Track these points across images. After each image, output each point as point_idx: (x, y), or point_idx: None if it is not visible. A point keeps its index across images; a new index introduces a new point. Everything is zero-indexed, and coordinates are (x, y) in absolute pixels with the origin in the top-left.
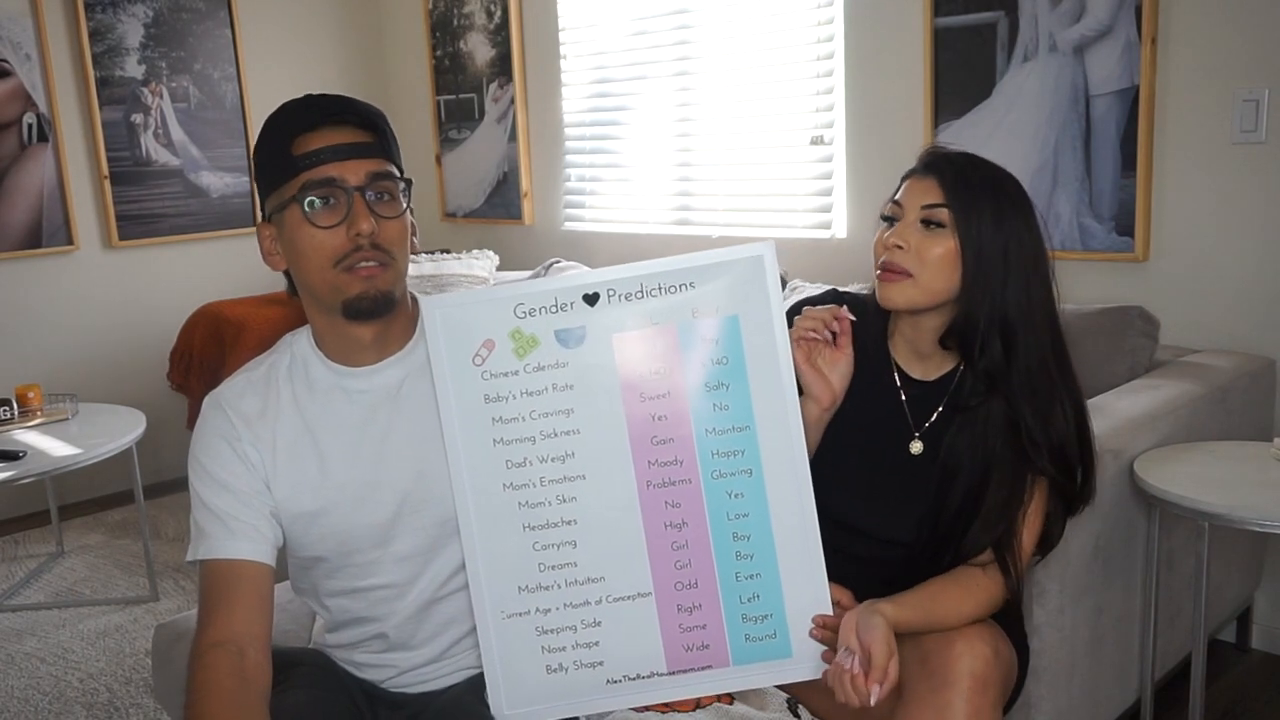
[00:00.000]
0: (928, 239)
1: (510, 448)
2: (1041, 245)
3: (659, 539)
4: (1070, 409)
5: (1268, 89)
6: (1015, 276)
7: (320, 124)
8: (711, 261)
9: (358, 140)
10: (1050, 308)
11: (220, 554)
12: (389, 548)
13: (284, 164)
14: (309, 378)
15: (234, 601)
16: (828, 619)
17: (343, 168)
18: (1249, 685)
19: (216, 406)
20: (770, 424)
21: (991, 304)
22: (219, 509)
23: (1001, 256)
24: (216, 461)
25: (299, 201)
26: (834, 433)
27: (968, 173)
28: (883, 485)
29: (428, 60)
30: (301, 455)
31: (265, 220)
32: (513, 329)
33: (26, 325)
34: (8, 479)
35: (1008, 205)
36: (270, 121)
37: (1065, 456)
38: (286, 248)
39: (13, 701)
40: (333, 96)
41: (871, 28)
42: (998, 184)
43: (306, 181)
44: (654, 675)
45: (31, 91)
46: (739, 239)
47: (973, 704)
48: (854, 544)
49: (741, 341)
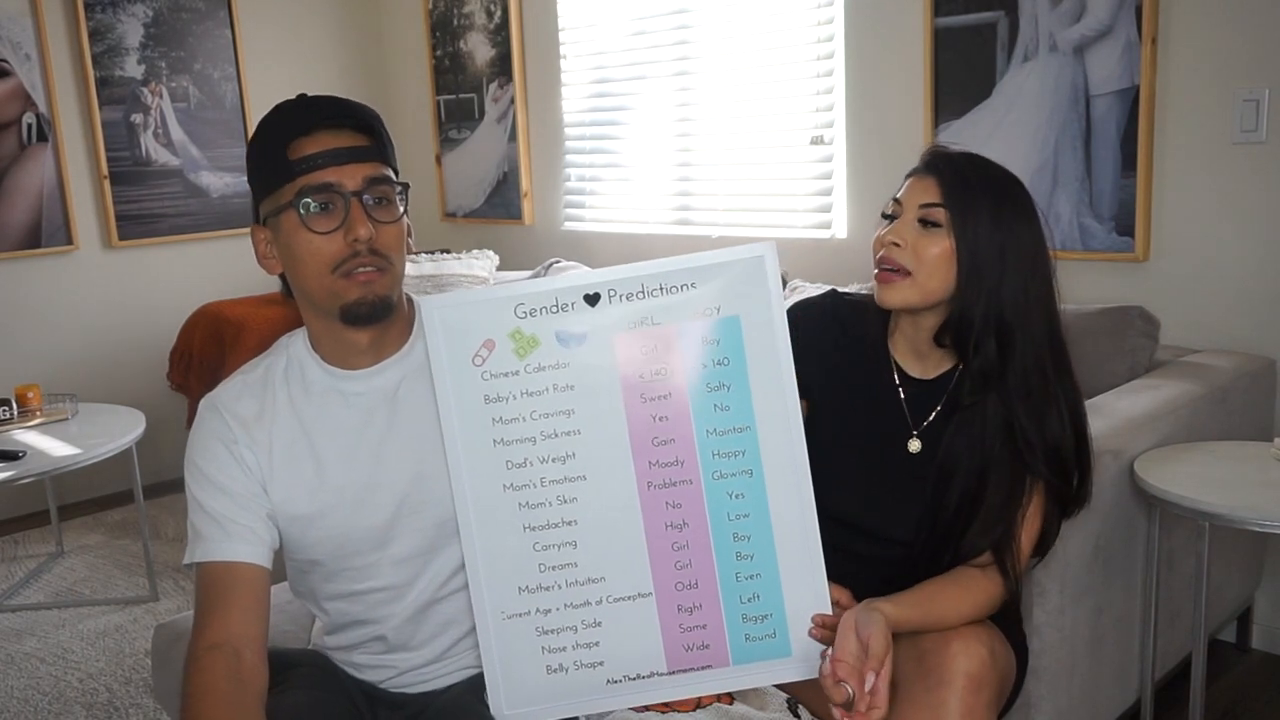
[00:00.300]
0: (924, 238)
1: (510, 448)
2: (1042, 246)
3: (659, 539)
4: (1067, 411)
5: (1268, 89)
6: (1012, 276)
7: (317, 127)
8: (713, 262)
9: (355, 144)
10: (1049, 309)
11: (216, 556)
12: (387, 550)
13: (280, 168)
14: (305, 380)
15: (230, 604)
16: (827, 619)
17: (340, 172)
18: (1249, 685)
19: (213, 409)
20: (771, 425)
21: (987, 303)
22: (215, 511)
23: (998, 256)
24: (213, 464)
25: (295, 207)
26: (833, 430)
27: (967, 173)
28: (881, 483)
29: (428, 60)
30: (298, 458)
31: (259, 223)
32: (513, 329)
33: (26, 325)
34: (8, 479)
35: (1007, 205)
36: (265, 123)
37: (1060, 459)
38: (283, 252)
39: (13, 701)
40: (328, 98)
41: (871, 28)
42: (998, 184)
43: (303, 187)
44: (654, 675)
45: (31, 91)
46: (739, 239)
47: (966, 704)
48: (853, 542)
49: (742, 342)
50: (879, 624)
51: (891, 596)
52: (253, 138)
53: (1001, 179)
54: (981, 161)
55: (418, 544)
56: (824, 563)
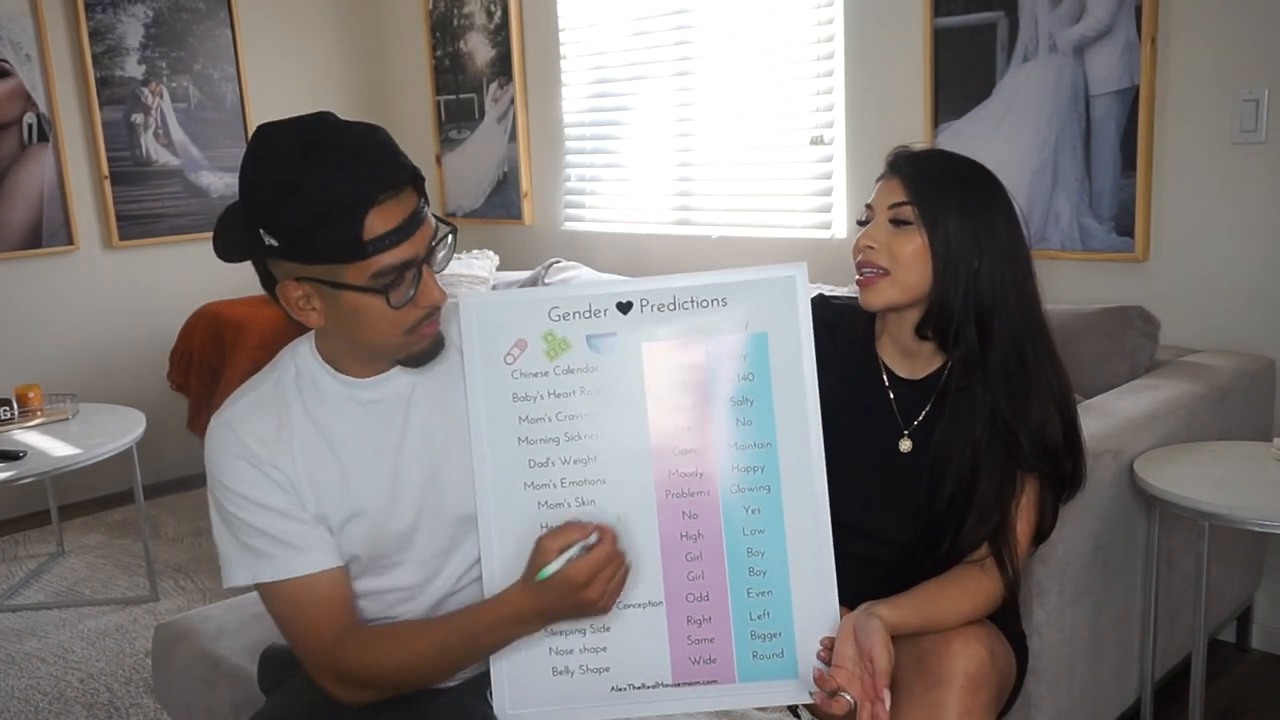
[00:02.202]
0: (897, 236)
1: (534, 447)
2: (1016, 229)
3: (673, 548)
4: (1052, 396)
5: (1268, 89)
6: (988, 263)
7: (381, 196)
8: (744, 279)
9: (415, 206)
10: (1027, 290)
11: (292, 574)
12: (412, 549)
13: (350, 248)
14: (319, 391)
15: (324, 617)
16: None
17: (412, 245)
18: (1249, 685)
19: (227, 429)
20: (791, 443)
21: (964, 291)
22: (271, 528)
23: (972, 243)
24: (245, 483)
25: (374, 290)
26: (826, 434)
27: (929, 168)
28: (876, 485)
29: (428, 60)
30: (324, 467)
31: (294, 280)
32: (546, 331)
33: (26, 325)
34: (8, 479)
35: (976, 194)
36: (311, 186)
37: (1046, 444)
38: (337, 312)
39: (13, 701)
40: (377, 152)
41: (871, 28)
42: (964, 174)
43: (381, 269)
44: (659, 686)
45: (31, 91)
46: (739, 239)
47: (965, 704)
48: (850, 542)
49: (769, 359)
50: (879, 632)
51: (889, 599)
52: (286, 195)
53: (966, 168)
54: (945, 156)
55: (440, 542)
56: (837, 587)
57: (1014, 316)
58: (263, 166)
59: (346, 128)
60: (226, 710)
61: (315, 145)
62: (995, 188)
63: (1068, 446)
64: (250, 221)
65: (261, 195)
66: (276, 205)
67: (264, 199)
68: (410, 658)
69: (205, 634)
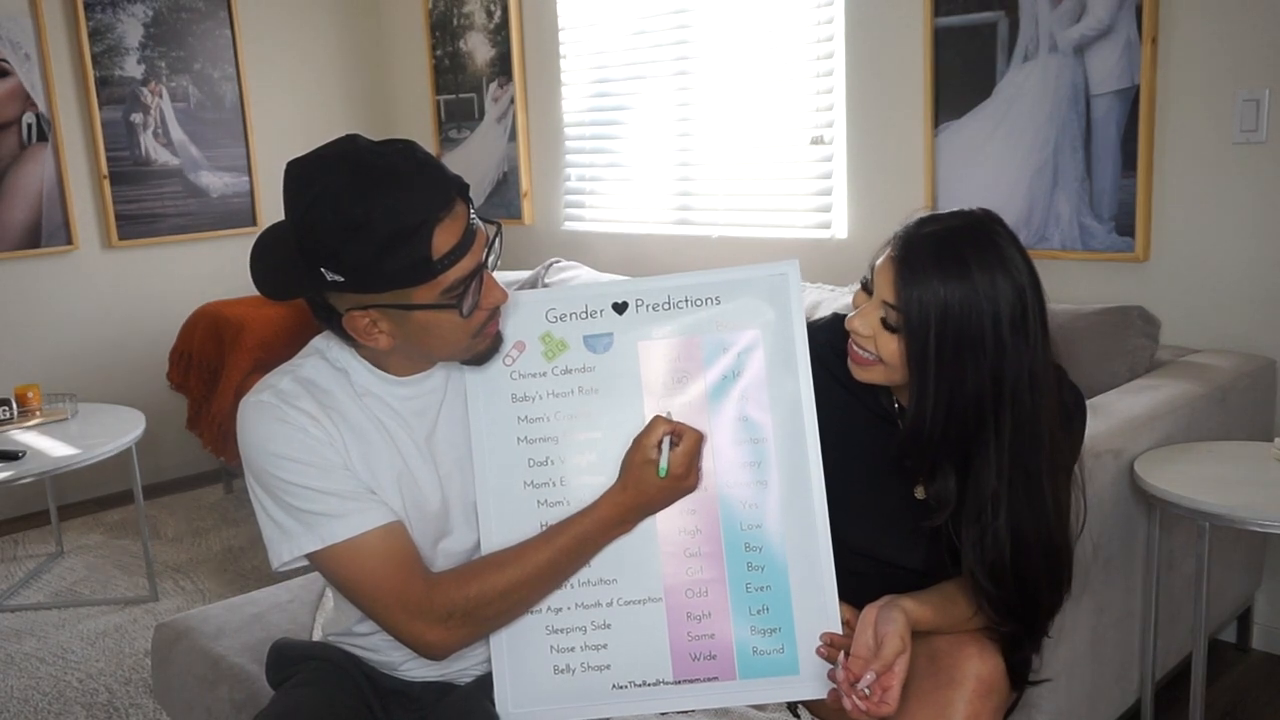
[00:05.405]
0: (884, 335)
1: (534, 446)
2: (1023, 329)
3: (672, 545)
4: (1037, 534)
5: (1268, 89)
6: (973, 382)
7: (441, 215)
8: (737, 277)
9: (467, 215)
10: (1026, 407)
11: (362, 528)
12: (441, 544)
13: (419, 269)
14: (353, 384)
15: (414, 564)
16: (836, 637)
17: (474, 254)
18: (1249, 685)
19: (272, 399)
20: (787, 439)
21: (945, 418)
22: (331, 488)
23: (952, 358)
24: (295, 445)
25: (448, 306)
26: (838, 463)
27: (928, 272)
28: (891, 520)
29: (428, 60)
30: (373, 441)
31: (359, 309)
32: (544, 332)
33: (26, 325)
34: (7, 479)
35: (964, 291)
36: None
37: (1003, 585)
38: (406, 330)
39: (13, 701)
40: (426, 171)
41: (871, 28)
42: (961, 270)
43: (450, 284)
44: (660, 683)
45: (31, 91)
46: (739, 239)
47: (973, 706)
48: (865, 566)
49: (763, 356)
50: (898, 622)
51: (913, 594)
52: (354, 231)
53: (965, 263)
54: (949, 245)
55: (472, 539)
56: (836, 582)
57: (1003, 445)
58: (319, 209)
59: (386, 151)
60: (226, 710)
61: (368, 177)
62: (1002, 276)
63: (1044, 586)
64: (311, 262)
65: (325, 237)
66: (341, 245)
67: (328, 240)
68: (519, 576)
69: (205, 634)
